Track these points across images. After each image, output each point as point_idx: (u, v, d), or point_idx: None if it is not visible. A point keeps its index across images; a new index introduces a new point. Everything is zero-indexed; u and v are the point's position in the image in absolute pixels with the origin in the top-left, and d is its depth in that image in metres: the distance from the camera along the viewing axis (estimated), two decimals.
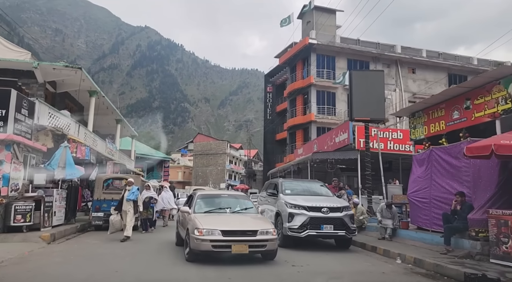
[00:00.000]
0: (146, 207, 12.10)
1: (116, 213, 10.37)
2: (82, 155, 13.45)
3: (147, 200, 12.42)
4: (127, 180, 11.14)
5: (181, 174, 67.72)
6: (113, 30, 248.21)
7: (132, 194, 10.52)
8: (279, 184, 10.19)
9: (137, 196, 10.64)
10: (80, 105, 20.58)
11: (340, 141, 19.59)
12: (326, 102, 31.54)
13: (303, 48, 31.65)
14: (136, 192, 10.62)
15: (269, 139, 41.19)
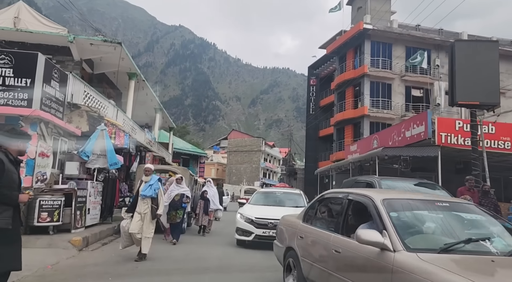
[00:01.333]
0: (175, 208, 9.13)
1: (128, 215, 7.01)
2: (121, 142, 11.39)
3: (178, 198, 9.25)
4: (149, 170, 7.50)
5: (214, 171, 66.06)
6: (149, 29, 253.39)
7: (149, 188, 6.94)
8: (376, 183, 7.59)
9: (157, 190, 7.07)
10: (118, 91, 18.76)
11: (413, 135, 16.67)
12: (381, 94, 28.43)
13: (356, 34, 28.68)
14: (156, 185, 7.06)
15: (312, 136, 38.38)
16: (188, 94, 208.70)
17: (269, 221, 8.22)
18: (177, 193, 9.28)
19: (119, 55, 13.70)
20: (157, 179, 7.25)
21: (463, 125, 15.46)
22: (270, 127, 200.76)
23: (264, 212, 8.71)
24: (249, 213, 8.82)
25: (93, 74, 15.15)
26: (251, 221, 8.57)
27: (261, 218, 8.41)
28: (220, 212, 12.54)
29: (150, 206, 6.91)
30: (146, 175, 7.14)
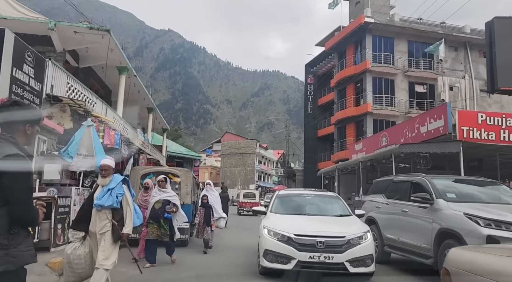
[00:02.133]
0: (155, 219, 6.79)
1: (78, 236, 4.67)
2: (111, 141, 9.86)
3: (159, 206, 6.85)
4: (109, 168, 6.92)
5: (208, 174, 64.36)
6: (137, 33, 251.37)
7: (108, 195, 4.58)
8: (429, 184, 6.13)
9: (121, 197, 4.67)
10: (107, 88, 17.19)
11: (431, 131, 15.38)
12: (383, 90, 27.25)
13: (357, 29, 27.50)
14: (119, 189, 4.65)
15: (310, 136, 37.09)
16: (178, 99, 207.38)
17: (317, 240, 5.45)
18: (158, 199, 6.89)
19: (108, 45, 12.17)
20: (121, 180, 4.72)
21: (486, 118, 14.22)
22: (261, 130, 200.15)
23: (305, 225, 6.04)
24: (281, 226, 5.91)
25: (79, 68, 13.58)
26: (288, 239, 5.63)
27: (304, 235, 5.58)
28: (222, 220, 10.10)
29: (111, 221, 4.52)
30: (102, 176, 4.68)
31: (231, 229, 14.93)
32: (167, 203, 6.90)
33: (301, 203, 7.33)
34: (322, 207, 7.13)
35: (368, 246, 5.62)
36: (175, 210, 7.00)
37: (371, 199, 7.93)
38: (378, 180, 8.37)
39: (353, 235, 5.62)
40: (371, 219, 7.68)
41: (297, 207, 7.14)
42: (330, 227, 5.94)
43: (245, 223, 19.55)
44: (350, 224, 6.28)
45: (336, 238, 5.54)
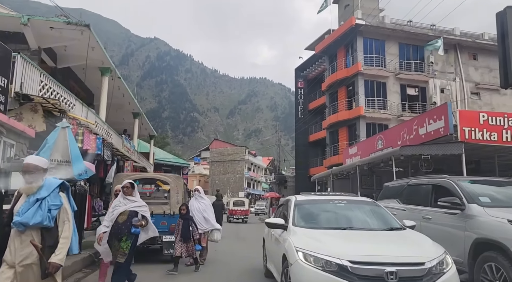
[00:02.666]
0: (119, 236, 5.31)
1: None
2: (92, 146, 8.87)
3: (124, 219, 5.37)
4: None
5: (196, 182, 63.11)
6: (123, 42, 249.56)
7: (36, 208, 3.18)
8: (457, 187, 5.33)
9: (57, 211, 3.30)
10: (89, 92, 16.15)
11: (430, 132, 14.77)
12: (375, 93, 26.76)
13: (347, 31, 27.03)
14: (53, 199, 3.29)
15: (301, 141, 36.38)
16: (165, 107, 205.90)
17: (386, 270, 3.73)
18: (122, 210, 5.36)
19: (88, 43, 11.22)
20: (57, 186, 3.40)
21: (488, 118, 13.67)
22: (249, 138, 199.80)
23: (361, 246, 4.25)
24: (325, 248, 4.09)
25: (56, 69, 12.56)
26: (340, 269, 3.84)
27: (366, 263, 3.83)
28: (217, 232, 8.60)
29: (39, 248, 3.11)
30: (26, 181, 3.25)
31: (224, 240, 13.95)
32: (134, 215, 5.38)
33: (331, 212, 5.40)
34: (361, 217, 5.28)
35: (454, 277, 3.92)
36: (144, 223, 5.47)
37: (383, 205, 7.12)
38: (390, 183, 7.59)
39: (432, 259, 3.89)
40: None
41: (329, 218, 5.26)
42: (396, 249, 4.15)
43: (239, 232, 18.60)
44: (416, 242, 4.45)
45: (413, 266, 3.79)
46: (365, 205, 5.64)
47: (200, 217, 8.07)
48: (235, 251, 10.52)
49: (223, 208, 17.52)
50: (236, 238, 15.06)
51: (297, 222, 5.14)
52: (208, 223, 8.22)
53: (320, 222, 5.19)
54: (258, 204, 48.00)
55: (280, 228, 5.29)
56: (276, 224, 5.35)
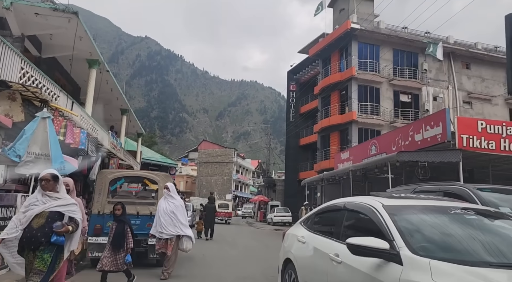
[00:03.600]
0: (34, 246, 3.86)
1: None
2: (75, 141, 8.25)
3: (41, 223, 3.91)
4: None
5: (183, 183, 62.26)
6: (113, 39, 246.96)
7: None
8: (474, 196, 4.86)
9: None
10: (75, 85, 15.44)
11: (427, 139, 14.48)
12: (369, 99, 26.55)
13: (342, 35, 26.79)
14: None
15: (292, 145, 35.99)
16: (154, 107, 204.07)
17: None
18: (39, 211, 3.93)
19: (75, 32, 10.59)
20: None
21: (486, 126, 13.45)
22: (237, 140, 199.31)
23: None
24: None
25: (41, 59, 11.88)
26: None
27: None
28: (187, 240, 7.12)
29: None
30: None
31: (213, 244, 13.40)
32: (57, 218, 3.96)
33: (465, 230, 3.04)
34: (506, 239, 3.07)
35: None
36: (71, 229, 3.98)
37: None
38: (392, 190, 7.15)
39: None
40: None
41: (469, 242, 2.84)
42: None
43: (227, 235, 18.03)
44: None
45: None
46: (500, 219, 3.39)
47: (166, 220, 6.79)
48: (226, 260, 9.97)
49: (215, 211, 16.96)
50: (227, 244, 14.50)
51: (420, 248, 2.74)
52: (175, 227, 6.85)
53: (458, 249, 2.78)
54: (245, 207, 47.41)
55: (379, 256, 2.79)
56: (374, 249, 2.77)
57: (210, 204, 16.28)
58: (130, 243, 5.83)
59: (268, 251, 11.91)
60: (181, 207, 7.04)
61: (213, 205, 16.42)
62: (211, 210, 15.97)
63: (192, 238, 7.14)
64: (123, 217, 5.98)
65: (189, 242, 7.13)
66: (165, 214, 6.81)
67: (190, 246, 7.18)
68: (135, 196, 7.94)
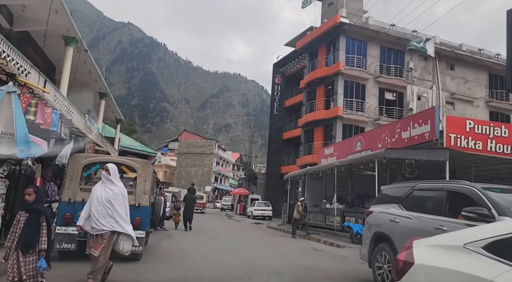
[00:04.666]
0: None
1: None
2: (46, 121, 7.52)
3: None
4: None
5: (162, 173, 61.16)
6: (94, 24, 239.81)
7: None
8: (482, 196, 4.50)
9: None
10: (50, 64, 14.48)
11: (414, 136, 14.32)
12: (354, 95, 26.36)
13: (331, 29, 26.44)
14: None
15: (275, 138, 35.62)
16: (134, 94, 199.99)
17: None
18: None
19: (50, 4, 9.74)
20: None
21: (474, 126, 13.35)
22: (218, 132, 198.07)
23: None
24: None
25: (12, 32, 10.94)
26: None
27: None
28: (126, 240, 5.45)
29: None
30: None
31: (192, 237, 12.85)
32: None
33: None
34: None
35: None
36: None
37: (382, 210, 6.31)
38: (389, 187, 6.79)
39: None
40: (383, 236, 6.05)
41: None
42: None
43: (206, 228, 17.49)
44: None
45: None
46: None
47: (99, 210, 5.16)
48: (208, 254, 9.45)
49: (195, 201, 16.46)
50: (207, 236, 13.96)
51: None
52: (110, 221, 5.20)
53: None
54: (224, 200, 46.89)
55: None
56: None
57: (190, 195, 15.77)
58: (43, 243, 4.25)
59: (250, 246, 11.47)
60: (122, 195, 5.40)
61: (193, 196, 15.91)
62: (191, 201, 15.47)
63: (133, 237, 5.47)
64: (37, 205, 4.36)
65: (128, 242, 5.40)
66: (99, 203, 5.18)
67: (129, 248, 5.44)
68: None
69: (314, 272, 7.30)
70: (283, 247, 11.58)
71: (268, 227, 21.27)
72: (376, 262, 6.17)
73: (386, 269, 5.91)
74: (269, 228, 20.74)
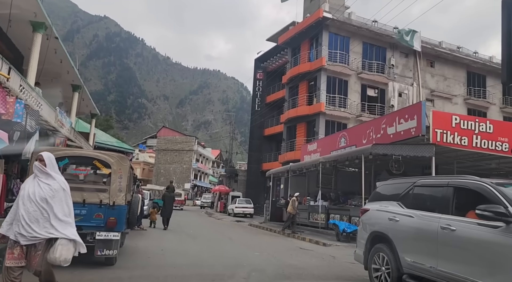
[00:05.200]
0: None
1: None
2: (8, 111, 6.74)
3: None
4: None
5: (140, 170, 59.76)
6: (69, 16, 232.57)
7: None
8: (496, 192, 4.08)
9: None
10: (17, 52, 13.44)
11: (400, 132, 14.08)
12: (337, 91, 26.13)
13: (314, 23, 26.08)
14: None
15: (256, 135, 35.10)
16: (111, 90, 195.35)
17: None
18: None
19: None
20: None
21: (460, 121, 13.20)
22: (198, 129, 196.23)
23: None
24: None
25: None
26: None
27: None
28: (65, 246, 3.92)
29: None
30: None
31: (172, 237, 12.19)
32: None
33: None
34: None
35: None
36: None
37: (379, 208, 5.87)
38: (385, 183, 6.35)
39: None
40: (381, 236, 5.62)
41: None
42: None
43: (186, 226, 16.82)
44: None
45: None
46: None
47: (34, 212, 3.87)
48: (187, 251, 8.85)
49: (174, 200, 15.79)
50: (187, 236, 13.33)
51: None
52: (45, 226, 3.89)
53: None
54: (204, 197, 46.10)
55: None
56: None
57: (169, 193, 15.10)
58: None
59: (234, 246, 10.93)
60: (62, 190, 4.06)
61: (172, 194, 15.26)
62: (170, 199, 14.83)
63: (76, 242, 4.05)
64: None
65: (69, 247, 3.95)
66: (32, 203, 3.89)
67: (69, 256, 3.93)
68: (82, 180, 6.59)
69: (304, 274, 6.83)
70: (268, 246, 11.09)
71: (250, 225, 20.77)
72: (373, 263, 5.74)
73: (384, 271, 5.48)
74: (251, 226, 20.24)
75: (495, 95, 31.17)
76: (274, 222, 20.93)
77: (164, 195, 15.27)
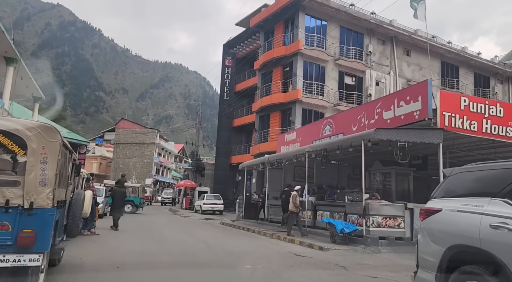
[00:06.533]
0: None
1: None
2: None
3: None
4: None
5: (96, 165, 55.51)
6: (18, 3, 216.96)
7: None
8: None
9: None
10: None
11: (400, 116, 12.32)
12: (314, 77, 24.32)
13: (289, 4, 24.02)
14: None
15: (225, 126, 32.67)
16: (66, 82, 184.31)
17: None
18: None
19: None
20: None
21: (469, 103, 11.57)
22: (159, 124, 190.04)
23: None
24: None
25: None
26: None
27: None
28: None
29: None
30: None
31: (134, 242, 9.67)
32: None
33: None
34: None
35: None
36: None
37: (461, 207, 3.79)
38: (467, 168, 4.24)
39: None
40: (474, 253, 3.50)
41: None
42: None
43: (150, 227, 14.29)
44: None
45: None
46: None
47: None
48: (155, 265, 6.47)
49: (125, 196, 13.28)
50: (150, 238, 10.81)
51: None
52: None
53: None
54: (166, 192, 43.11)
55: None
56: None
57: (120, 187, 12.62)
58: None
59: (214, 255, 8.60)
60: None
61: (123, 189, 12.80)
62: (121, 195, 12.39)
63: None
64: None
65: None
66: None
67: None
68: None
69: None
70: (257, 254, 8.90)
71: (222, 223, 18.52)
72: None
73: None
74: (224, 224, 18.00)
75: (467, 87, 30.78)
76: (248, 220, 18.80)
77: (114, 190, 12.77)
